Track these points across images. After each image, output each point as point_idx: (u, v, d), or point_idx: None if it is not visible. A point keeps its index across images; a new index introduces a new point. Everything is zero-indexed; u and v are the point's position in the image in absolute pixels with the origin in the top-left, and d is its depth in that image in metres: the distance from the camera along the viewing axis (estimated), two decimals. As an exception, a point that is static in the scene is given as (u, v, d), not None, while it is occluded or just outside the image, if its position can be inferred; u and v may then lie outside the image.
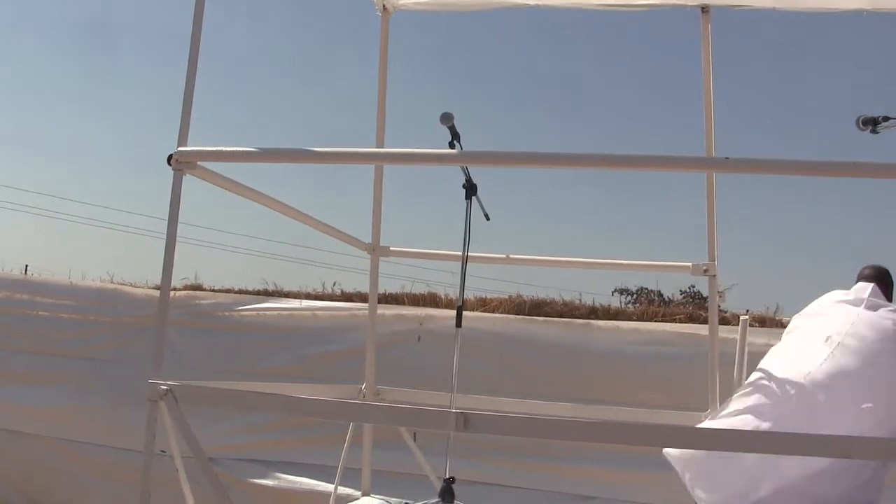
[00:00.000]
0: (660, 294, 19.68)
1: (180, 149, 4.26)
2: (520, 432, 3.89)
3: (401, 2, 6.60)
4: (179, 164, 4.25)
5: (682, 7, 6.41)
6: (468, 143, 4.66)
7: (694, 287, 20.49)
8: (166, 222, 4.35)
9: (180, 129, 4.31)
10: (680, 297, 19.82)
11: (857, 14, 6.19)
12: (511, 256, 6.40)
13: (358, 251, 6.49)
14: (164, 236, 4.34)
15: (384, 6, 6.61)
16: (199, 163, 4.29)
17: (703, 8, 6.42)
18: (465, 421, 3.76)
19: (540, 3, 6.50)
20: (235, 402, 4.92)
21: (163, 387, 4.18)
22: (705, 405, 5.96)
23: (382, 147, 6.41)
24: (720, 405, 5.55)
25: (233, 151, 4.30)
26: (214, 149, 4.31)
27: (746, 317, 6.18)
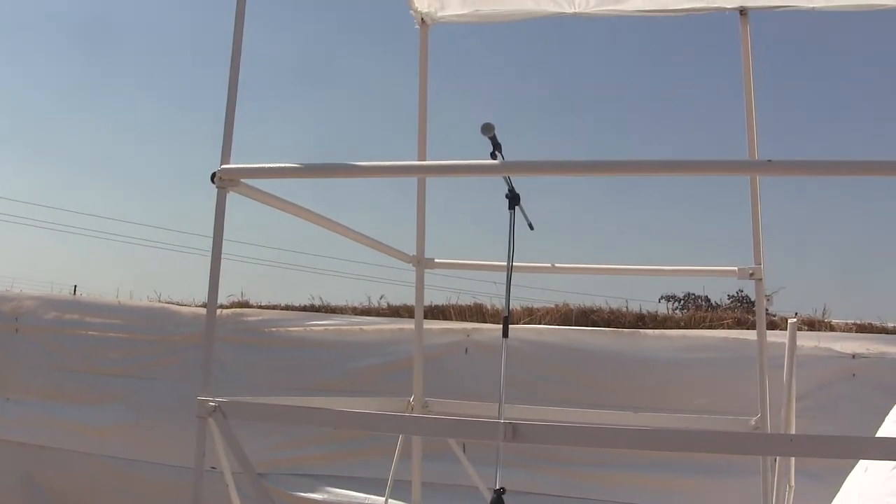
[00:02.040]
0: (707, 300, 19.55)
1: (223, 166, 4.27)
2: (569, 441, 3.88)
3: (439, 14, 6.61)
4: (223, 181, 4.27)
5: (721, 10, 6.39)
6: (509, 152, 4.67)
7: (742, 291, 20.34)
8: (212, 240, 4.36)
9: (223, 147, 4.32)
10: (728, 301, 19.67)
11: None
12: (556, 265, 6.39)
13: (403, 264, 6.50)
14: (210, 254, 4.35)
15: (423, 19, 6.62)
16: (242, 180, 4.30)
17: (741, 11, 6.40)
18: (514, 431, 3.75)
19: (578, 11, 6.50)
20: (284, 417, 4.91)
21: (211, 403, 4.18)
22: (755, 410, 5.93)
23: (424, 160, 6.42)
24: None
25: (276, 168, 4.31)
26: (257, 166, 4.33)
27: (795, 320, 6.14)
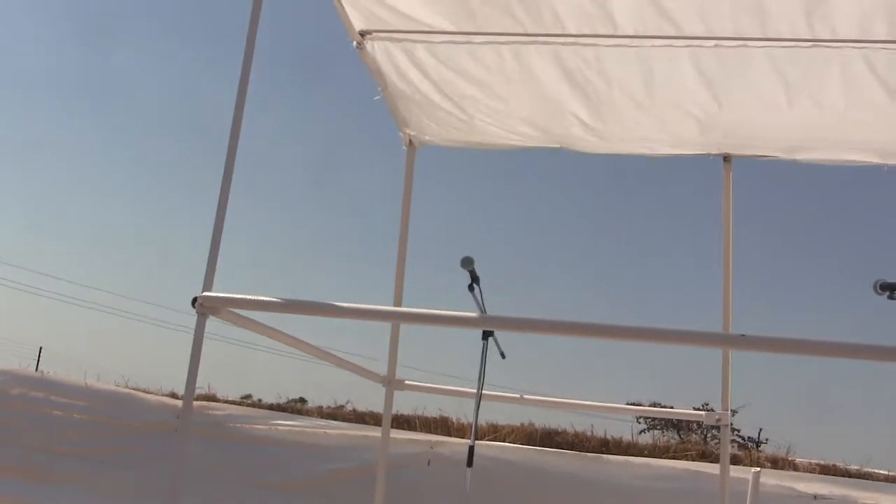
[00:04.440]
0: (673, 418, 19.62)
1: (205, 294, 4.29)
2: None
3: (426, 138, 6.73)
4: (203, 308, 4.29)
5: (706, 156, 6.51)
6: (487, 281, 4.75)
7: (708, 405, 20.42)
8: (188, 362, 4.38)
9: (206, 274, 4.34)
10: (691, 409, 19.72)
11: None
12: (525, 397, 6.43)
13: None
14: (186, 374, 4.36)
15: (410, 141, 6.73)
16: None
17: (725, 157, 6.52)
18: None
19: (562, 146, 6.62)
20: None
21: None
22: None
23: (401, 298, 6.58)
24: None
25: (256, 300, 4.33)
26: (240, 297, 4.35)
27: (758, 470, 6.20)
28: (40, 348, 38.38)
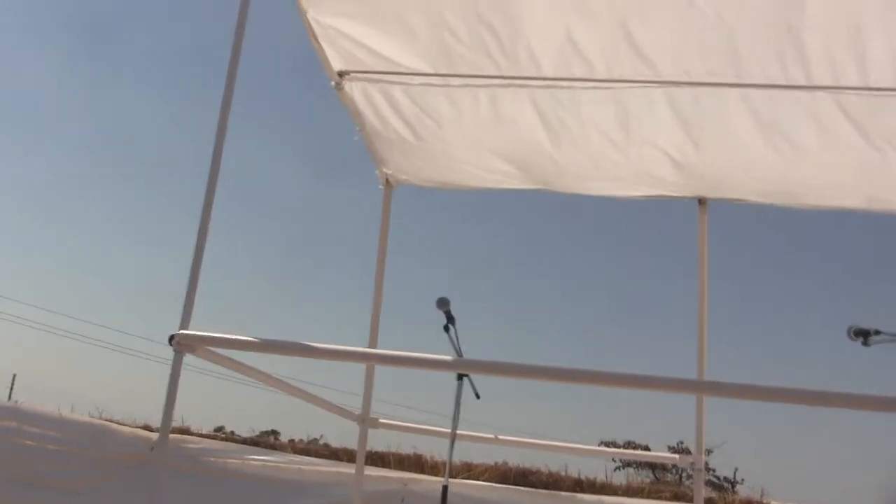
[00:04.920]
0: (647, 448, 19.62)
1: (182, 332, 4.30)
2: None
3: (403, 177, 6.77)
4: (181, 346, 4.30)
5: (681, 199, 6.56)
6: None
7: (683, 443, 20.45)
8: (164, 399, 4.38)
9: (183, 312, 4.36)
10: (667, 450, 19.73)
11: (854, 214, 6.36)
12: (499, 437, 6.45)
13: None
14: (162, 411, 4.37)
15: (387, 180, 6.77)
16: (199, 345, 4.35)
17: (700, 200, 6.57)
18: None
19: (541, 187, 6.66)
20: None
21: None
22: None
23: (376, 340, 6.65)
24: None
25: (234, 340, 4.35)
26: (217, 335, 4.36)
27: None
28: (14, 376, 38.15)
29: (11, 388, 35.01)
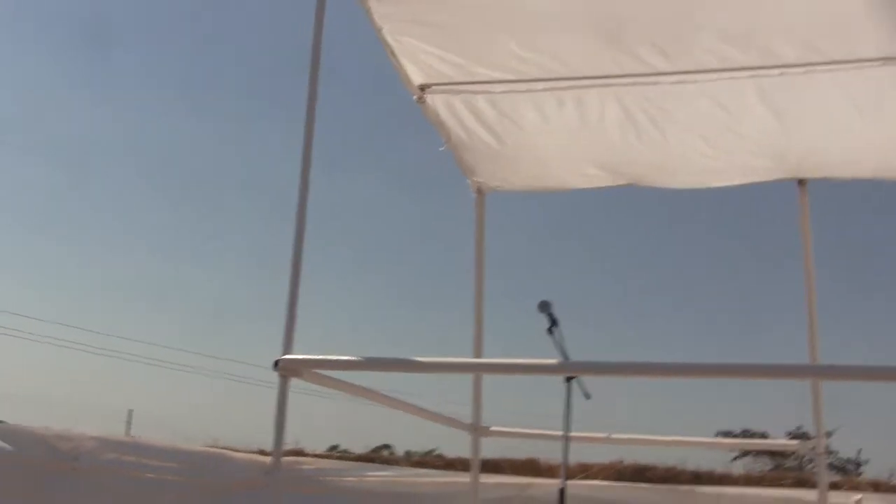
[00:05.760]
0: (764, 435, 19.36)
1: (286, 357, 4.30)
2: None
3: (494, 184, 6.74)
4: (286, 370, 4.30)
5: (779, 181, 6.44)
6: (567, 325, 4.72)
7: (801, 427, 20.09)
8: (274, 424, 4.39)
9: (285, 337, 4.36)
10: (785, 437, 19.44)
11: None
12: (612, 436, 6.39)
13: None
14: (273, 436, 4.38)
15: (479, 188, 6.74)
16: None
17: (799, 181, 6.45)
18: None
19: (631, 182, 6.59)
20: None
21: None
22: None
23: (481, 349, 6.60)
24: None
25: (338, 360, 4.34)
26: (320, 357, 4.36)
27: (860, 497, 6.10)
28: (130, 411, 38.70)
29: (129, 424, 35.46)
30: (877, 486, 8.56)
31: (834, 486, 7.42)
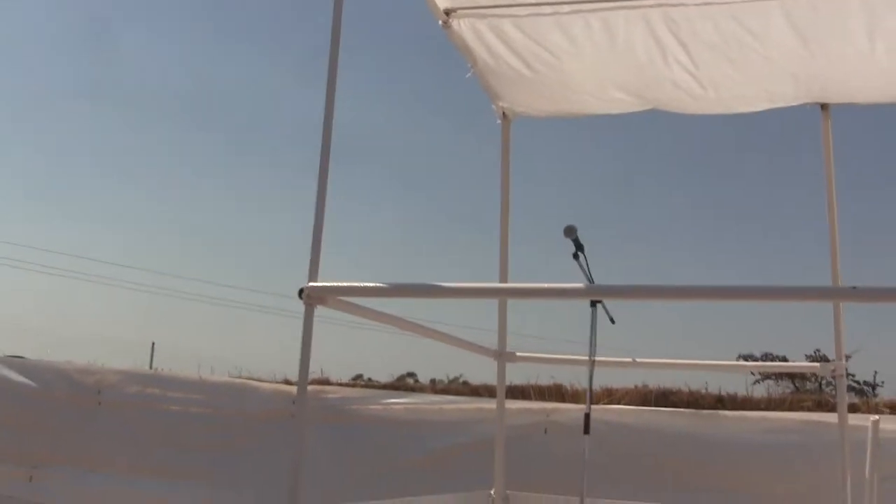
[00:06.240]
0: (785, 359, 19.42)
1: (311, 284, 4.33)
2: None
3: (520, 110, 6.72)
4: (311, 298, 4.33)
5: (802, 105, 6.41)
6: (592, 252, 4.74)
7: (819, 351, 20.16)
8: (300, 352, 4.42)
9: (310, 265, 4.38)
10: (805, 360, 19.51)
11: None
12: (637, 360, 6.43)
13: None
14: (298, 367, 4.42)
15: (504, 113, 6.73)
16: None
17: (822, 106, 6.42)
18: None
19: (656, 107, 6.57)
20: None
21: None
22: (839, 497, 5.91)
23: (507, 274, 6.61)
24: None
25: (363, 287, 4.37)
26: (345, 284, 4.39)
27: (877, 418, 6.13)
28: (153, 344, 38.89)
29: (152, 357, 35.65)
30: (893, 408, 8.61)
31: (852, 408, 7.46)
